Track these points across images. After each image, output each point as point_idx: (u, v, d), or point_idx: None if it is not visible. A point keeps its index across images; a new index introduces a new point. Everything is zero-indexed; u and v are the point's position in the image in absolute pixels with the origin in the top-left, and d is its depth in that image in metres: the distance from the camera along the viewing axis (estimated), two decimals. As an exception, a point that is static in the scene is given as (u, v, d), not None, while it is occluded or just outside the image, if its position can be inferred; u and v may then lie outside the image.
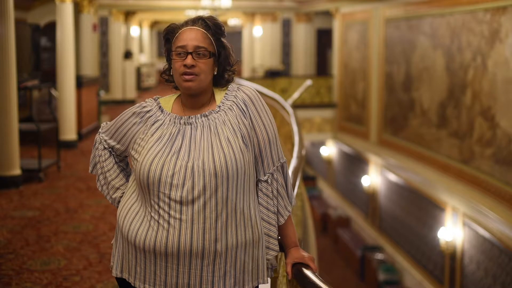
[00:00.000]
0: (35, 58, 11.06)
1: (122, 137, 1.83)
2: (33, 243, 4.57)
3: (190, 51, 1.70)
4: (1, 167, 6.17)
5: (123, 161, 1.92)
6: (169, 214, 1.65)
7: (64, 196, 6.12)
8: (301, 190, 4.77)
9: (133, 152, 1.77)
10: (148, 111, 1.79)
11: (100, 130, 1.94)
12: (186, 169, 1.65)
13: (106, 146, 1.89)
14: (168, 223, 1.65)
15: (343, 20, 13.85)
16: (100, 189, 1.93)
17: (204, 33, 1.73)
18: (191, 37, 1.71)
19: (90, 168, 1.94)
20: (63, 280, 3.84)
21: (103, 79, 15.31)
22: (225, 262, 1.67)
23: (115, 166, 1.89)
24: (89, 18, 11.50)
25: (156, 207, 1.67)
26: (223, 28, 1.77)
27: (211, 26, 1.74)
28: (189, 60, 1.69)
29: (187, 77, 1.69)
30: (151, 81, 22.34)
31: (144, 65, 21.96)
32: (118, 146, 1.86)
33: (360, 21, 12.99)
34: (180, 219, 1.64)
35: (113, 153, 1.89)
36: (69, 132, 8.89)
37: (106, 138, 1.89)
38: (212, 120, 1.73)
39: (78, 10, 11.05)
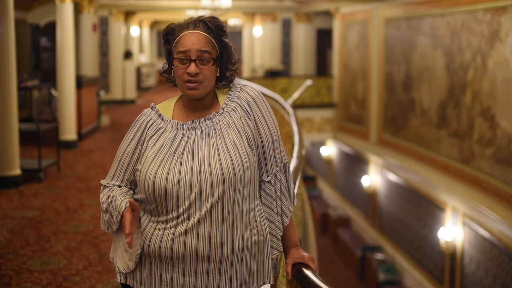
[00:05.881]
0: (35, 58, 11.05)
1: (127, 165, 1.75)
2: (33, 243, 4.57)
3: (193, 58, 1.66)
4: (1, 167, 6.17)
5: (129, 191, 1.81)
6: (176, 221, 1.63)
7: (64, 196, 6.12)
8: (301, 190, 4.77)
9: (138, 166, 1.72)
10: (147, 122, 1.74)
11: (101, 182, 1.82)
12: (192, 175, 1.63)
13: (112, 185, 1.79)
14: (175, 228, 1.63)
15: (343, 20, 13.85)
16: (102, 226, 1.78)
17: (206, 37, 1.69)
18: (194, 42, 1.66)
19: (101, 226, 1.78)
20: (63, 280, 3.84)
21: (103, 79, 15.31)
22: (231, 266, 1.66)
23: (120, 190, 1.76)
24: (89, 18, 11.49)
25: (164, 215, 1.66)
26: (225, 29, 1.73)
27: (213, 28, 1.70)
28: (192, 68, 1.65)
29: (191, 85, 1.66)
30: (151, 81, 22.33)
31: (144, 65, 21.95)
32: (123, 175, 1.76)
33: (360, 21, 12.99)
34: (187, 224, 1.62)
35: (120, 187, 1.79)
36: (69, 132, 8.89)
37: (108, 181, 1.79)
38: (216, 122, 1.70)
39: (78, 10, 11.04)
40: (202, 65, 1.66)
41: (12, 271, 3.97)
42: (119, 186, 1.76)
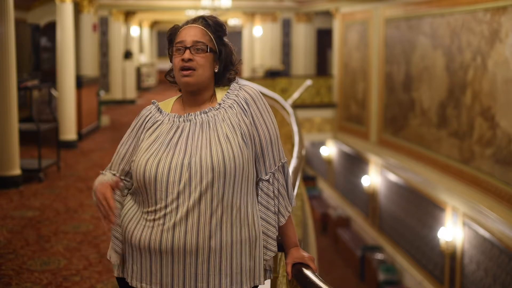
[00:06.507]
0: (35, 58, 11.05)
1: (123, 156, 1.80)
2: (33, 243, 4.57)
3: (188, 45, 1.72)
4: (1, 167, 6.17)
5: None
6: (165, 211, 1.65)
7: (64, 196, 6.12)
8: (301, 190, 4.77)
9: (134, 157, 1.76)
10: (146, 116, 1.80)
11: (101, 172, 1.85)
12: (182, 166, 1.65)
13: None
14: (164, 220, 1.65)
15: (343, 20, 13.85)
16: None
17: (203, 30, 1.75)
18: (190, 34, 1.74)
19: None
20: (63, 280, 3.84)
21: (103, 79, 15.30)
22: (220, 260, 1.66)
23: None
24: (89, 18, 11.50)
25: (153, 205, 1.67)
26: (224, 27, 1.79)
27: (211, 24, 1.76)
28: (186, 54, 1.71)
29: (185, 72, 1.71)
30: (151, 81, 22.33)
31: (144, 65, 21.95)
32: (118, 165, 1.80)
33: (360, 21, 12.99)
34: (175, 216, 1.64)
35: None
36: (69, 132, 8.89)
37: (106, 170, 1.83)
38: (211, 117, 1.73)
39: (78, 10, 11.05)
40: (196, 53, 1.72)
41: (12, 271, 3.97)
42: (114, 175, 1.81)
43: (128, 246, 1.73)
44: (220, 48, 1.77)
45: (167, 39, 1.81)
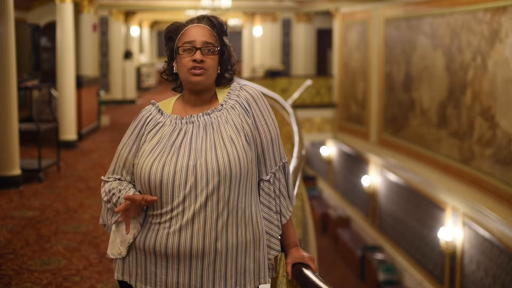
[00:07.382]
0: (35, 58, 11.05)
1: (125, 160, 1.76)
2: (33, 243, 4.57)
3: (198, 46, 1.70)
4: (1, 167, 6.17)
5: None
6: (171, 214, 1.64)
7: (64, 196, 6.12)
8: (301, 190, 4.76)
9: (136, 160, 1.73)
10: (146, 118, 1.76)
11: (102, 178, 1.83)
12: (187, 168, 1.64)
13: (112, 180, 1.79)
14: (170, 223, 1.64)
15: (343, 20, 13.85)
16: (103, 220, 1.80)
17: (211, 30, 1.74)
18: (199, 33, 1.71)
19: (100, 220, 1.81)
20: (63, 280, 3.84)
21: (103, 79, 15.31)
22: (226, 262, 1.66)
23: (122, 183, 1.78)
24: (89, 18, 11.50)
25: (158, 208, 1.67)
26: (225, 27, 1.78)
27: (216, 24, 1.75)
28: (198, 55, 1.69)
29: (196, 71, 1.69)
30: (151, 81, 22.34)
31: (144, 65, 21.95)
32: (121, 170, 1.77)
33: (360, 21, 12.99)
34: (182, 219, 1.63)
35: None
36: (69, 132, 8.89)
37: (109, 175, 1.79)
38: (214, 118, 1.72)
39: (78, 10, 11.05)
40: (207, 54, 1.71)
41: (12, 271, 3.97)
42: (119, 180, 1.78)
43: (132, 248, 1.72)
44: (223, 49, 1.76)
45: (166, 36, 1.77)
